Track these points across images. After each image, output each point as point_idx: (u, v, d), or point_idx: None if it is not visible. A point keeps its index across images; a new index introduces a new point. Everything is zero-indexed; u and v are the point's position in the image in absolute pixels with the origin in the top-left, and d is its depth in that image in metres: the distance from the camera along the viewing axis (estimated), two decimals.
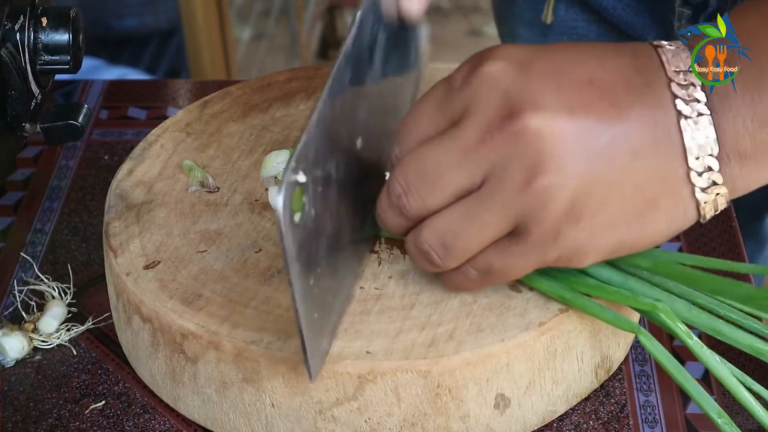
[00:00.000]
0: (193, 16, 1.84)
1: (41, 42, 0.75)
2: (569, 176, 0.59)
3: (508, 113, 0.59)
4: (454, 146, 0.61)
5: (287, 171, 0.57)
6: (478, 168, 0.60)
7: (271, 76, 0.86)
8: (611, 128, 0.59)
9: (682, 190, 0.60)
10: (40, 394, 0.72)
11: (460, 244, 0.62)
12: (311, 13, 2.69)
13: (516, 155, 0.59)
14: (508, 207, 0.60)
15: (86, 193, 0.88)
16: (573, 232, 0.60)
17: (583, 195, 0.59)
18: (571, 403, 0.69)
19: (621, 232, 0.61)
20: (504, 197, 0.60)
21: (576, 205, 0.59)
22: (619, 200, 0.60)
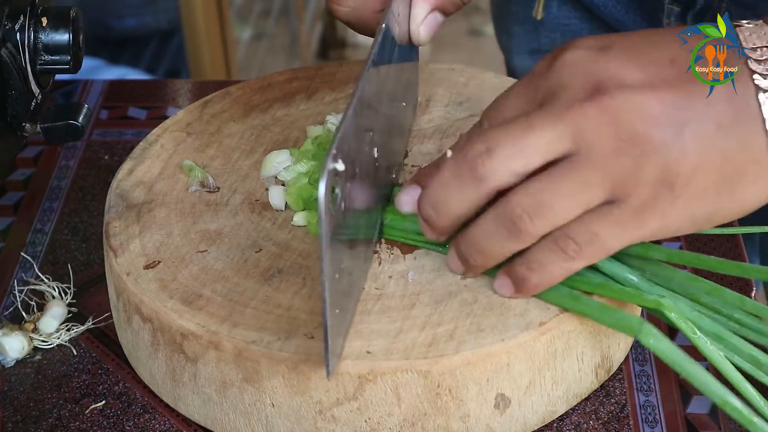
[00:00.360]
0: (193, 16, 1.84)
1: (41, 42, 0.75)
2: (659, 143, 0.60)
3: (593, 89, 0.60)
4: (542, 113, 0.61)
5: (328, 158, 0.57)
6: (567, 133, 0.60)
7: (272, 76, 0.86)
8: (694, 102, 0.60)
9: (764, 159, 0.61)
10: (41, 394, 0.72)
11: (557, 202, 0.61)
12: (311, 13, 2.70)
13: (606, 125, 0.60)
14: (604, 170, 0.60)
15: (86, 193, 0.88)
16: (669, 197, 0.61)
17: (674, 163, 0.60)
18: (572, 403, 0.69)
19: (713, 200, 0.62)
20: (599, 161, 0.60)
21: (668, 171, 0.60)
22: (709, 169, 0.61)
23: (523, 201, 0.61)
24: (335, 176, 0.58)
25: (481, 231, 0.64)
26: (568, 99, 0.61)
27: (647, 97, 0.60)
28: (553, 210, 0.61)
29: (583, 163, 0.60)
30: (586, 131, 0.60)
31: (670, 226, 0.62)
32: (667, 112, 0.60)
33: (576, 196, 0.61)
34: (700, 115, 0.61)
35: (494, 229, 0.63)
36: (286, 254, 0.71)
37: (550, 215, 0.61)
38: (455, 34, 2.88)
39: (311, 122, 0.81)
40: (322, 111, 0.82)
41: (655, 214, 0.61)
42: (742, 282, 0.77)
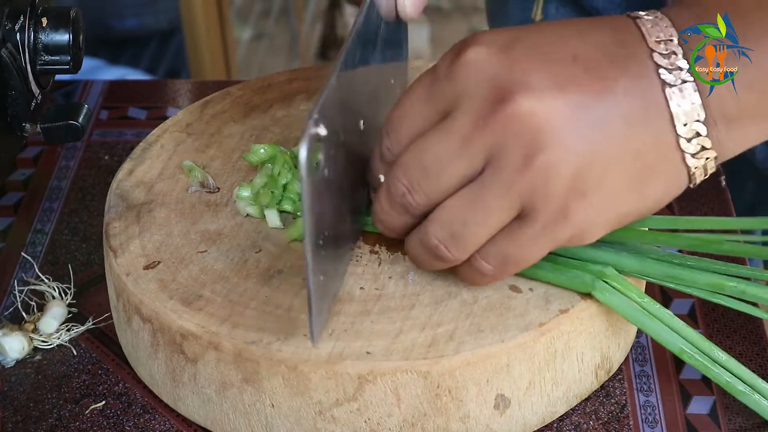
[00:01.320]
0: (193, 16, 1.84)
1: (41, 42, 0.75)
2: (568, 151, 0.59)
3: (498, 98, 0.59)
4: (450, 138, 0.61)
5: (309, 122, 0.58)
6: (477, 155, 0.60)
7: (272, 77, 0.86)
8: (601, 101, 0.60)
9: (674, 155, 0.61)
10: (41, 395, 0.72)
11: (468, 231, 0.62)
12: (311, 13, 2.70)
13: (513, 137, 0.59)
14: (511, 188, 0.60)
15: (86, 194, 0.88)
16: (581, 206, 0.61)
17: (585, 168, 0.60)
18: (572, 404, 0.69)
19: (626, 200, 0.62)
20: (506, 178, 0.60)
21: (579, 178, 0.60)
22: (620, 169, 0.61)
23: (437, 233, 0.62)
24: (317, 141, 0.59)
25: (412, 250, 0.65)
26: (473, 113, 0.60)
27: (553, 100, 0.59)
28: (465, 239, 0.62)
29: (489, 187, 0.60)
30: (494, 147, 0.60)
31: (583, 232, 0.62)
32: (574, 114, 0.59)
33: (485, 223, 0.61)
34: (609, 114, 0.60)
35: (422, 252, 0.64)
36: (285, 255, 0.71)
37: (463, 244, 0.62)
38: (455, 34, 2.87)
39: None
40: None
41: (567, 224, 0.61)
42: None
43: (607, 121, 0.60)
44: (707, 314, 0.75)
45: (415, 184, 0.62)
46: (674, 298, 0.77)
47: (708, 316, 0.75)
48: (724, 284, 0.67)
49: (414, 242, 0.65)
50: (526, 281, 0.68)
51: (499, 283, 0.68)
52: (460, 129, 0.60)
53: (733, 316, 0.75)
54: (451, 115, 0.61)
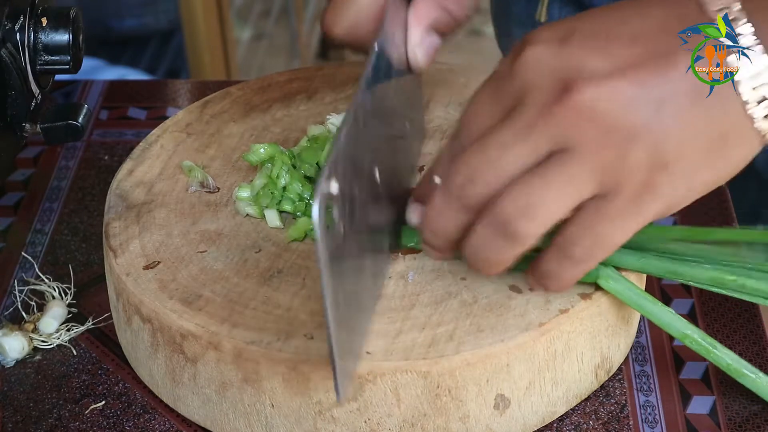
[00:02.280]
0: (193, 16, 1.84)
1: (41, 42, 0.75)
2: (641, 129, 0.59)
3: (562, 88, 0.59)
4: (514, 126, 0.60)
5: (320, 181, 0.56)
6: (542, 143, 0.60)
7: (272, 77, 0.86)
8: (665, 78, 0.60)
9: (743, 122, 0.61)
10: (40, 395, 0.72)
11: (544, 201, 0.60)
12: (311, 13, 2.69)
13: (582, 124, 0.59)
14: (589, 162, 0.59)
15: (86, 194, 0.88)
16: (665, 177, 0.60)
17: (660, 143, 0.60)
18: (571, 404, 0.69)
19: (705, 169, 0.62)
20: (582, 155, 0.59)
21: (657, 153, 0.60)
22: (696, 140, 0.60)
23: (510, 205, 0.60)
24: (330, 199, 0.57)
25: (478, 241, 0.63)
26: (537, 104, 0.60)
27: (617, 84, 0.59)
28: (542, 208, 0.60)
29: (567, 159, 0.60)
30: (562, 134, 0.59)
31: (671, 203, 0.62)
32: (640, 94, 0.59)
33: (564, 192, 0.60)
34: (674, 90, 0.60)
35: (490, 236, 0.62)
36: (285, 255, 0.71)
37: (541, 214, 0.60)
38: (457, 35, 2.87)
39: (311, 123, 0.81)
40: (322, 111, 0.82)
41: (654, 196, 0.61)
42: None
43: (674, 96, 0.60)
44: (707, 314, 0.75)
45: (475, 173, 0.61)
46: (674, 298, 0.77)
47: (708, 315, 0.75)
48: (724, 278, 0.67)
49: (479, 229, 0.62)
50: (526, 281, 0.68)
51: (499, 283, 0.68)
52: (525, 118, 0.60)
53: (733, 315, 0.75)
54: (516, 109, 0.61)
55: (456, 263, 0.69)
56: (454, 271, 0.69)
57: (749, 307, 0.76)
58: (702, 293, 0.77)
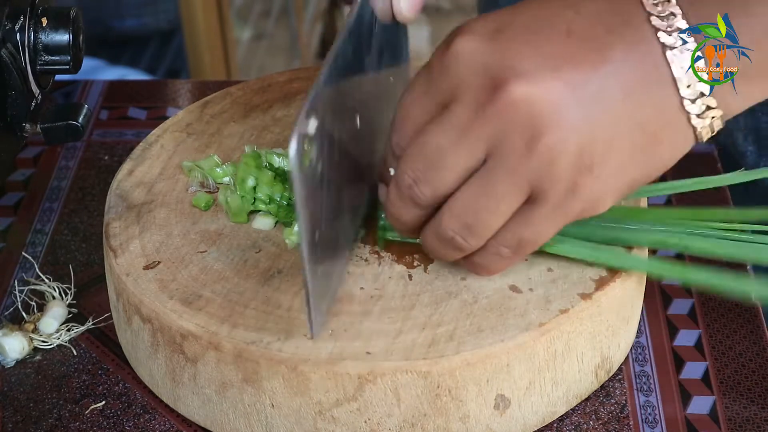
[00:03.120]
0: (193, 16, 1.84)
1: (41, 42, 0.75)
2: (569, 130, 0.59)
3: (492, 86, 0.59)
4: (449, 129, 0.61)
5: (299, 118, 0.58)
6: (478, 145, 0.60)
7: (272, 77, 0.86)
8: (598, 73, 0.59)
9: (678, 119, 0.61)
10: (41, 395, 0.72)
11: (481, 219, 0.62)
12: (311, 13, 2.69)
13: (512, 124, 0.59)
14: (517, 173, 0.60)
15: (86, 194, 0.88)
16: (589, 180, 0.61)
17: (588, 143, 0.60)
18: (572, 404, 0.69)
19: (632, 169, 0.62)
20: (511, 165, 0.60)
21: (584, 154, 0.60)
22: (623, 140, 0.60)
23: (451, 225, 0.63)
24: (308, 137, 0.59)
25: (429, 243, 0.65)
26: (470, 104, 0.60)
27: (548, 82, 0.59)
28: (479, 228, 0.62)
29: (495, 174, 0.60)
30: (494, 135, 0.60)
31: (595, 204, 0.62)
32: (571, 92, 0.59)
33: (496, 210, 0.62)
34: (607, 86, 0.59)
35: (438, 244, 0.65)
36: (285, 255, 0.71)
37: (478, 232, 0.63)
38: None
39: None
40: None
41: (576, 200, 0.61)
42: None
43: (606, 93, 0.59)
44: (707, 314, 0.75)
45: (420, 175, 0.62)
46: (674, 298, 0.77)
47: (708, 315, 0.75)
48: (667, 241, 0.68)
49: (430, 236, 0.65)
50: (526, 281, 0.68)
51: (499, 284, 0.68)
52: (458, 120, 0.61)
53: (733, 316, 0.75)
54: (449, 107, 0.61)
55: (456, 263, 0.69)
56: (454, 272, 0.69)
57: (749, 307, 0.76)
58: (702, 293, 0.77)
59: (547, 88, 0.59)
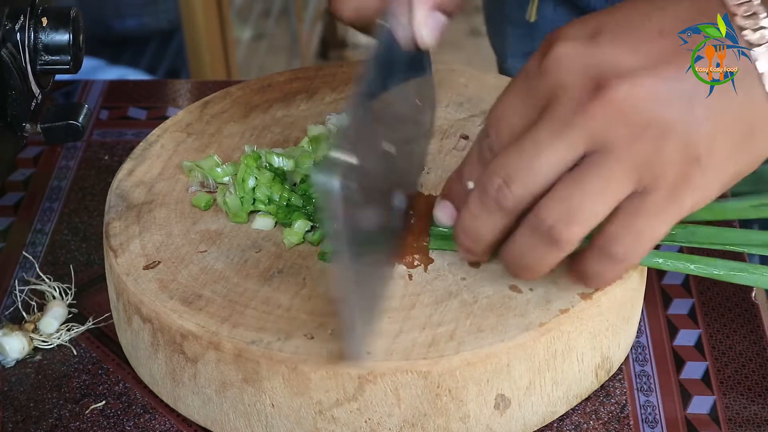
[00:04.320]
0: (193, 16, 1.84)
1: (41, 42, 0.75)
2: (673, 123, 0.60)
3: (594, 86, 0.60)
4: (549, 126, 0.61)
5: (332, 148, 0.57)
6: (579, 140, 0.60)
7: (272, 77, 0.86)
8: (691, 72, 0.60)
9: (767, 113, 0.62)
10: (41, 395, 0.72)
11: (586, 203, 0.60)
12: (311, 13, 2.69)
13: (616, 120, 0.60)
14: (625, 161, 0.60)
15: (86, 194, 0.88)
16: (698, 171, 0.61)
17: (692, 135, 0.60)
18: (572, 404, 0.69)
19: (735, 160, 0.62)
20: (618, 154, 0.60)
21: (689, 147, 0.60)
22: (725, 132, 0.61)
23: (552, 211, 0.61)
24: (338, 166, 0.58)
25: (519, 248, 0.63)
26: (571, 103, 0.60)
27: (648, 79, 0.60)
28: (584, 212, 0.61)
29: (603, 160, 0.60)
30: (597, 132, 0.60)
31: (704, 196, 0.62)
32: (671, 89, 0.60)
33: (604, 193, 0.61)
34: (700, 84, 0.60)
35: (532, 243, 0.62)
36: (285, 254, 0.71)
37: (583, 218, 0.61)
38: (455, 35, 2.87)
39: (311, 123, 0.81)
40: (322, 111, 0.82)
41: (689, 190, 0.61)
42: None
43: (700, 90, 0.60)
44: (707, 314, 0.75)
45: (513, 175, 0.61)
46: (674, 298, 0.77)
47: (708, 315, 0.75)
48: None
49: (520, 236, 0.63)
50: (526, 281, 0.68)
51: (499, 283, 0.68)
52: (560, 118, 0.60)
53: (733, 316, 0.75)
54: (549, 107, 0.61)
55: (456, 263, 0.69)
56: (454, 271, 0.69)
57: (749, 307, 0.76)
58: (702, 293, 0.77)
59: (647, 85, 0.60)
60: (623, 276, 0.65)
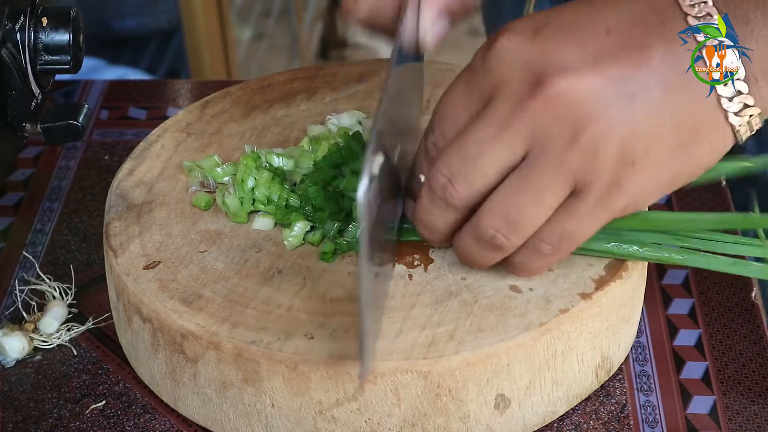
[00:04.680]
0: (193, 16, 1.84)
1: (41, 42, 0.75)
2: (611, 123, 0.60)
3: (534, 82, 0.60)
4: (490, 124, 0.61)
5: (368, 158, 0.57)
6: (518, 139, 0.60)
7: (272, 77, 0.86)
8: (638, 71, 0.60)
9: (716, 116, 0.61)
10: (41, 394, 0.72)
11: (524, 214, 0.62)
12: (311, 13, 2.69)
13: (555, 118, 0.60)
14: (561, 165, 0.60)
15: (86, 194, 0.88)
16: (632, 174, 0.61)
17: (630, 138, 0.60)
18: (572, 404, 0.69)
19: (674, 164, 0.62)
20: (555, 157, 0.60)
21: (626, 148, 0.60)
22: (664, 136, 0.61)
23: (492, 222, 0.62)
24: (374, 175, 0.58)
25: (464, 248, 0.65)
26: (511, 99, 0.60)
27: (590, 77, 0.59)
28: (522, 223, 0.62)
29: (538, 167, 0.60)
30: (536, 131, 0.60)
31: (637, 199, 0.62)
32: (612, 87, 0.60)
33: (540, 203, 0.61)
34: (647, 83, 0.60)
35: (476, 246, 0.64)
36: (285, 254, 0.71)
37: (521, 228, 0.62)
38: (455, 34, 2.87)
39: (311, 122, 0.81)
40: (322, 111, 0.82)
41: (620, 193, 0.61)
42: (742, 282, 0.77)
43: (645, 90, 0.60)
44: (707, 314, 0.75)
45: (456, 173, 0.62)
46: (674, 298, 0.77)
47: (708, 315, 0.75)
48: None
49: (466, 239, 0.64)
50: (526, 281, 0.68)
51: (499, 283, 0.68)
52: (500, 115, 0.61)
53: (733, 315, 0.75)
54: (490, 103, 0.61)
55: (456, 263, 0.69)
56: (454, 271, 0.69)
57: (749, 307, 0.76)
58: (702, 293, 0.77)
59: (588, 83, 0.59)
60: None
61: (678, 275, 0.78)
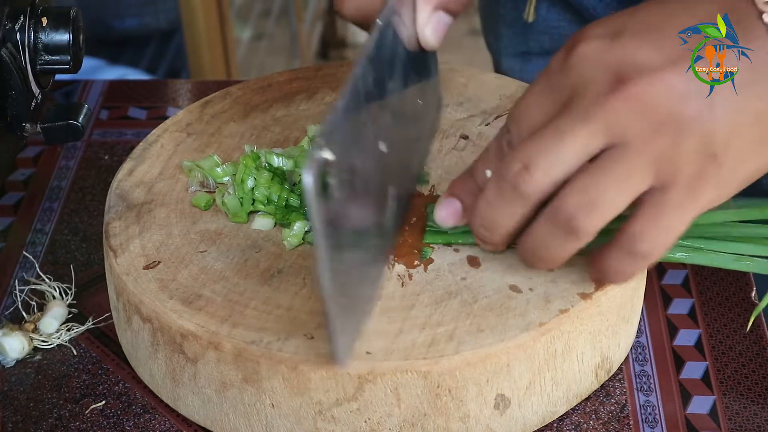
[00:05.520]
0: (193, 16, 1.84)
1: (41, 42, 0.75)
2: (692, 119, 0.60)
3: (615, 81, 0.60)
4: (571, 116, 0.61)
5: (314, 147, 0.57)
6: (599, 129, 0.61)
7: (272, 77, 0.86)
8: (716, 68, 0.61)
9: None
10: (41, 394, 0.72)
11: (605, 196, 0.61)
12: (311, 13, 2.69)
13: (636, 113, 0.60)
14: (643, 156, 0.60)
15: (86, 194, 0.88)
16: (714, 167, 0.61)
17: (711, 133, 0.61)
18: (572, 404, 0.69)
19: (753, 159, 0.62)
20: (637, 147, 0.60)
21: (707, 142, 0.61)
22: (743, 130, 0.61)
23: (572, 200, 0.61)
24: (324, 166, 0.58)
25: (537, 238, 0.64)
26: (593, 95, 0.61)
27: (669, 75, 0.60)
28: (604, 203, 0.61)
29: (622, 152, 0.61)
30: (618, 124, 0.60)
31: (720, 193, 0.63)
32: (691, 85, 0.60)
33: (623, 185, 0.61)
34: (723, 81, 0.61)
35: (550, 233, 0.63)
36: (285, 254, 0.71)
37: (603, 208, 0.61)
38: (455, 35, 2.87)
39: (311, 123, 0.81)
40: (322, 111, 0.82)
41: (707, 185, 0.62)
42: (742, 282, 0.77)
43: (723, 86, 0.61)
44: (707, 314, 0.75)
45: (534, 159, 0.61)
46: (674, 298, 0.77)
47: (708, 315, 0.75)
48: None
49: (539, 227, 0.63)
50: (526, 281, 0.68)
51: (499, 283, 0.68)
52: (580, 109, 0.61)
53: (733, 316, 0.75)
54: (571, 102, 0.62)
55: (456, 263, 0.69)
56: (454, 271, 0.69)
57: (749, 307, 0.76)
58: (702, 293, 0.77)
59: (668, 81, 0.60)
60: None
61: (678, 275, 0.78)
